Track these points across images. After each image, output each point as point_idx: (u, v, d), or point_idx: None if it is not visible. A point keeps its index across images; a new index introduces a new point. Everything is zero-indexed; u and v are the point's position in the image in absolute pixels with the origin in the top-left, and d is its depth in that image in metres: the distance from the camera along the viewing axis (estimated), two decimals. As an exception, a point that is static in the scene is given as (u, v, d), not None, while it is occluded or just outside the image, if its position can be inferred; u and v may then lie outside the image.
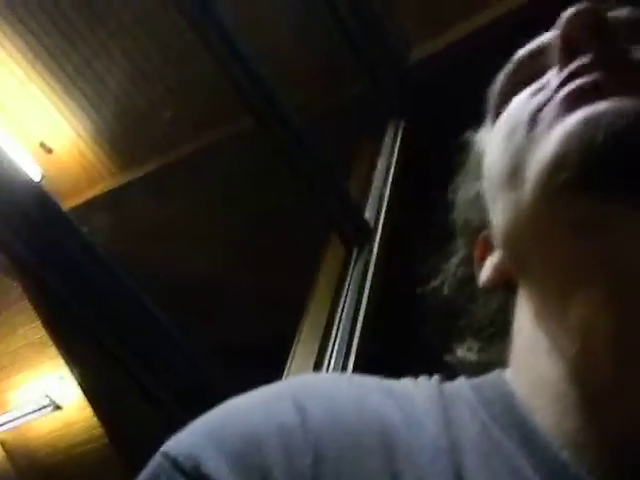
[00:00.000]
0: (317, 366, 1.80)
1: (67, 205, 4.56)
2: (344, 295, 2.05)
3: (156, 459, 0.34)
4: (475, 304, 0.54)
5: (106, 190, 4.78)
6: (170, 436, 0.36)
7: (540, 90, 0.42)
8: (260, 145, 2.81)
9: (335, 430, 0.34)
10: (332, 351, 1.82)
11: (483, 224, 0.51)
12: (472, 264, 0.54)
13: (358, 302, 1.98)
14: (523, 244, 0.41)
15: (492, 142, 0.46)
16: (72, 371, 5.04)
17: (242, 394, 0.39)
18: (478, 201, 0.51)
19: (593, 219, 0.35)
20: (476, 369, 0.49)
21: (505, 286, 0.48)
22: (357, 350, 1.79)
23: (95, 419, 5.09)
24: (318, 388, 0.38)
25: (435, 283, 0.58)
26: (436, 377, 0.43)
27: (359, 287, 2.05)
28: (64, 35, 4.14)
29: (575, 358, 0.37)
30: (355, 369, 1.74)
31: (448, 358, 0.54)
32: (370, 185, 2.69)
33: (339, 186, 2.54)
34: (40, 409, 5.14)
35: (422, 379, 0.43)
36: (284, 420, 0.34)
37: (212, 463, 0.32)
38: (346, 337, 1.85)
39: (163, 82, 4.28)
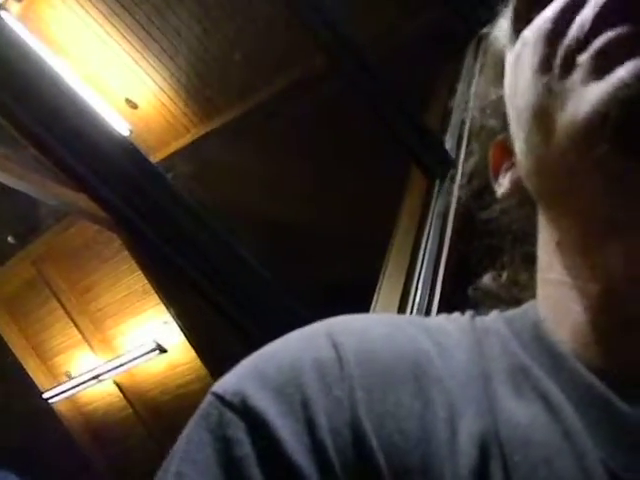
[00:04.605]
0: (403, 299, 1.82)
1: (154, 157, 4.71)
2: (427, 229, 2.03)
3: (207, 399, 0.37)
4: (493, 215, 0.52)
5: (189, 141, 4.89)
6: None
7: (572, 11, 0.36)
8: (335, 84, 2.78)
9: (368, 362, 0.36)
10: (417, 283, 1.83)
11: (501, 129, 0.48)
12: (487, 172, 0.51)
13: (442, 235, 1.96)
14: (548, 183, 0.40)
15: (517, 62, 0.41)
16: (174, 316, 5.28)
17: None
18: (498, 106, 0.48)
19: (628, 178, 0.34)
20: (501, 301, 0.49)
21: (525, 198, 0.46)
22: (442, 282, 1.79)
23: (199, 360, 5.34)
24: (352, 325, 0.39)
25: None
26: (469, 312, 0.44)
27: (442, 219, 2.02)
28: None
29: (597, 297, 0.37)
30: (441, 299, 1.75)
31: (471, 292, 0.54)
32: (450, 114, 2.62)
33: (416, 117, 2.49)
34: (147, 353, 5.45)
35: (456, 314, 0.44)
36: (320, 354, 0.36)
37: (257, 396, 0.34)
38: (431, 269, 1.85)
39: (233, 27, 4.28)
